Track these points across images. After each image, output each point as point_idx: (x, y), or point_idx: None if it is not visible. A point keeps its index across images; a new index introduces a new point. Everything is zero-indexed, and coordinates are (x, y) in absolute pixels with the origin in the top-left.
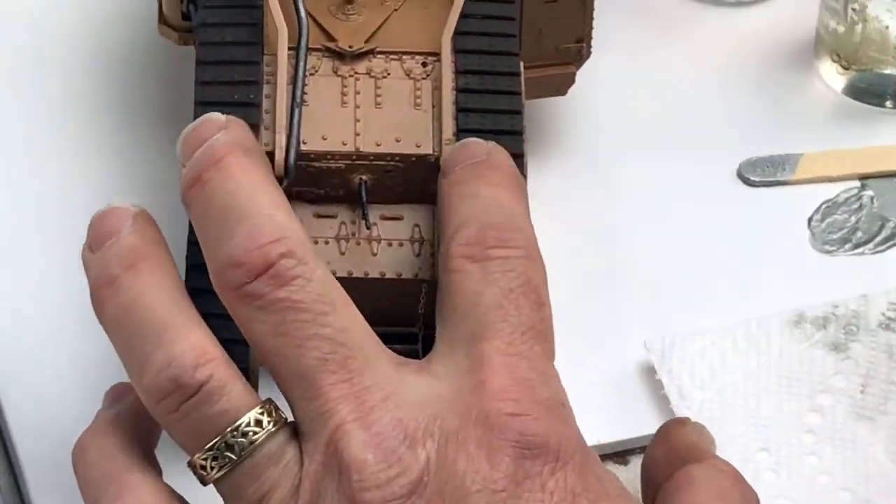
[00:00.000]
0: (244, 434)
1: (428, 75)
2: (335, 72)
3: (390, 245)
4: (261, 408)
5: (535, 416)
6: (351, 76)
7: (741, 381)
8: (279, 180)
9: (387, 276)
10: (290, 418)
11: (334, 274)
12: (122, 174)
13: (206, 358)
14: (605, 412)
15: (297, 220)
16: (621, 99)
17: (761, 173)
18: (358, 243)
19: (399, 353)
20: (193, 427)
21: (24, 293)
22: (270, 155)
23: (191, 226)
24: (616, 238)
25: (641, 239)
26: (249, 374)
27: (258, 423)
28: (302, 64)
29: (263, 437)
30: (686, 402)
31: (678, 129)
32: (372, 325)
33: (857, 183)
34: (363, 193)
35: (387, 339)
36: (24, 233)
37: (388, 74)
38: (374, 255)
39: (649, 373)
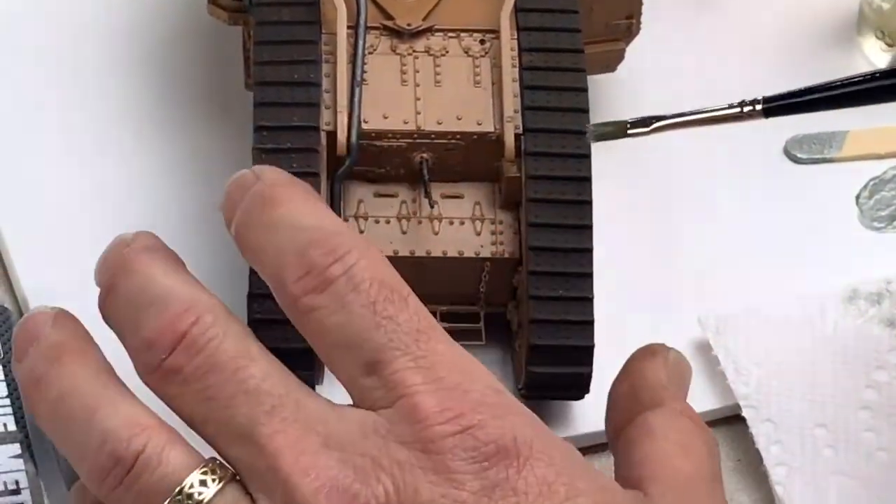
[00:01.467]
0: (189, 496)
1: (486, 53)
2: (394, 50)
3: (451, 224)
4: (203, 467)
5: (480, 423)
6: (409, 54)
7: (797, 357)
8: (341, 159)
9: (448, 254)
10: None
11: (396, 254)
12: (169, 156)
13: (139, 428)
14: None
15: (201, 288)
16: (668, 75)
17: (808, 150)
18: (419, 222)
19: (461, 332)
20: (140, 500)
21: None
22: (332, 134)
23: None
24: (666, 215)
25: (691, 216)
26: (315, 375)
27: (202, 482)
28: (361, 42)
29: (211, 495)
30: (743, 377)
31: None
32: (433, 304)
33: None
34: (425, 172)
35: (449, 319)
36: (66, 213)
37: (447, 52)
38: (436, 233)
39: (704, 349)
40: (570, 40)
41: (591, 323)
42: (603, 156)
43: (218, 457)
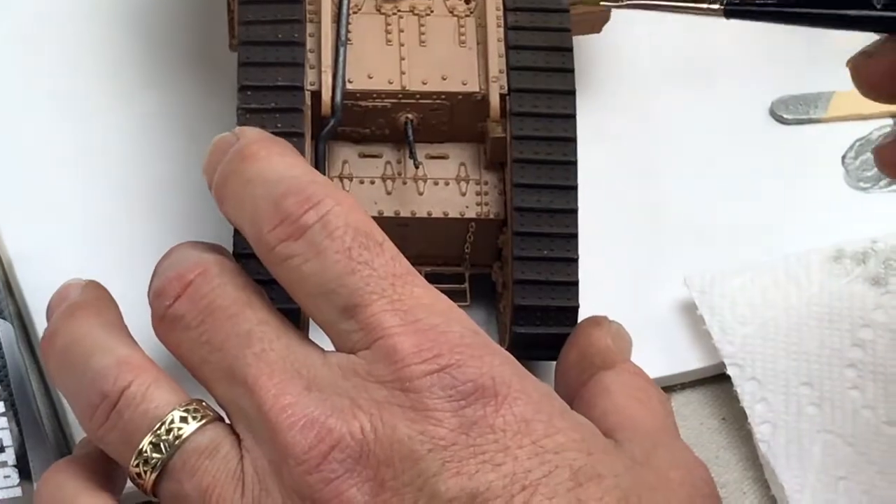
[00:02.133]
0: (169, 430)
1: (471, 12)
2: (378, 9)
3: (436, 184)
4: (186, 405)
5: (458, 363)
6: (394, 14)
7: (782, 316)
8: (325, 120)
9: (433, 215)
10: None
11: (380, 214)
12: (156, 114)
13: (128, 367)
14: (647, 349)
15: (217, 249)
16: (654, 37)
17: (794, 111)
18: (404, 183)
19: (446, 293)
20: (122, 436)
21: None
22: (317, 94)
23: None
24: (651, 176)
25: (676, 177)
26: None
27: (183, 419)
28: (346, 2)
29: (190, 431)
30: (728, 336)
31: (710, 68)
32: (418, 265)
33: (890, 120)
34: (410, 132)
35: (433, 280)
36: (54, 173)
37: (432, 12)
38: (421, 194)
39: (690, 309)
40: (554, 0)
41: (575, 283)
42: (581, 114)
43: (206, 400)
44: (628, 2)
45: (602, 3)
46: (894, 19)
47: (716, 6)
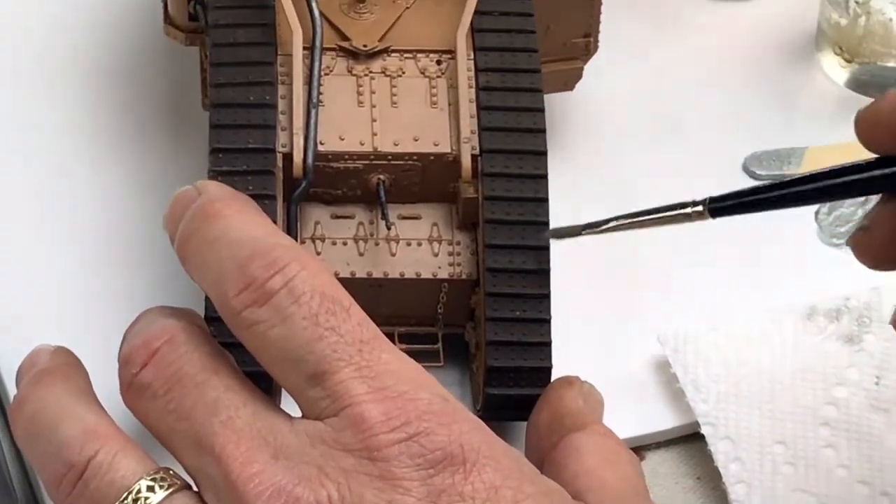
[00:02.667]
0: (136, 500)
1: (443, 73)
2: (350, 71)
3: (409, 245)
4: (154, 473)
5: (426, 431)
6: (366, 75)
7: (756, 374)
8: (297, 181)
9: (406, 275)
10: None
11: (353, 275)
12: (128, 175)
13: (95, 436)
14: (621, 408)
15: (183, 314)
16: (627, 94)
17: (767, 167)
18: (377, 243)
19: (420, 353)
20: None
21: (26, 290)
22: (288, 156)
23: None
24: (625, 234)
25: (650, 233)
26: (273, 396)
27: (150, 488)
28: (317, 64)
29: (158, 500)
30: (702, 395)
31: (683, 124)
32: (391, 325)
33: None
34: (382, 193)
35: (407, 340)
36: (25, 235)
37: (403, 73)
38: (393, 255)
39: (663, 367)
40: (526, 60)
41: (548, 344)
42: (555, 171)
43: (173, 467)
44: (612, 224)
45: (584, 232)
46: (884, 177)
47: (700, 209)
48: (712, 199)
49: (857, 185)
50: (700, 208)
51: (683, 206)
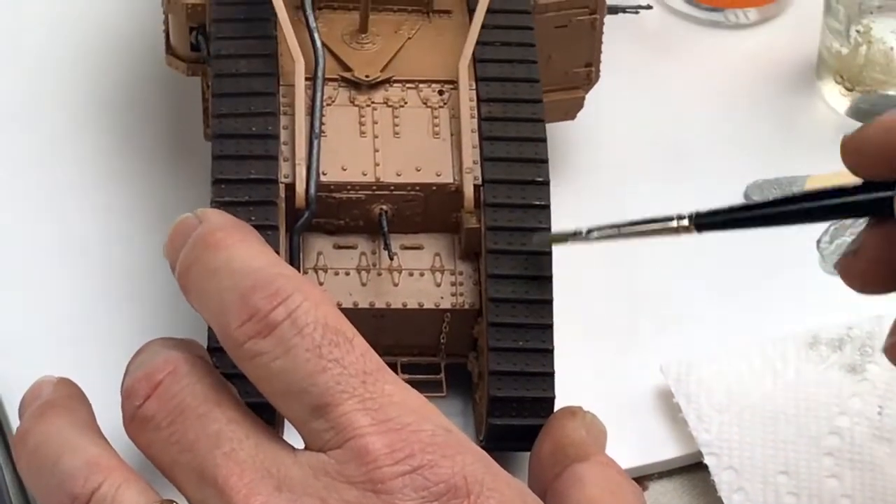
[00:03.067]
0: None
1: (445, 103)
2: (352, 101)
3: (411, 275)
4: None
5: (430, 463)
6: (368, 106)
7: (759, 403)
8: (300, 212)
9: (408, 306)
10: None
11: (356, 305)
12: (130, 204)
13: (98, 468)
14: (624, 438)
15: (186, 346)
16: (628, 122)
17: (768, 195)
18: (379, 274)
19: (422, 383)
20: None
21: (30, 318)
22: (291, 187)
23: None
24: (627, 262)
25: (652, 263)
26: (276, 427)
27: None
28: (319, 94)
29: None
30: (704, 424)
31: (685, 152)
32: (394, 355)
33: None
34: (384, 224)
35: (409, 370)
36: (27, 265)
37: (405, 103)
38: (396, 285)
39: (666, 397)
40: (528, 91)
41: (551, 374)
42: (557, 200)
43: (177, 499)
44: (598, 234)
45: (571, 240)
46: (869, 202)
47: (686, 223)
48: (698, 215)
49: (842, 209)
50: (686, 222)
51: (669, 219)
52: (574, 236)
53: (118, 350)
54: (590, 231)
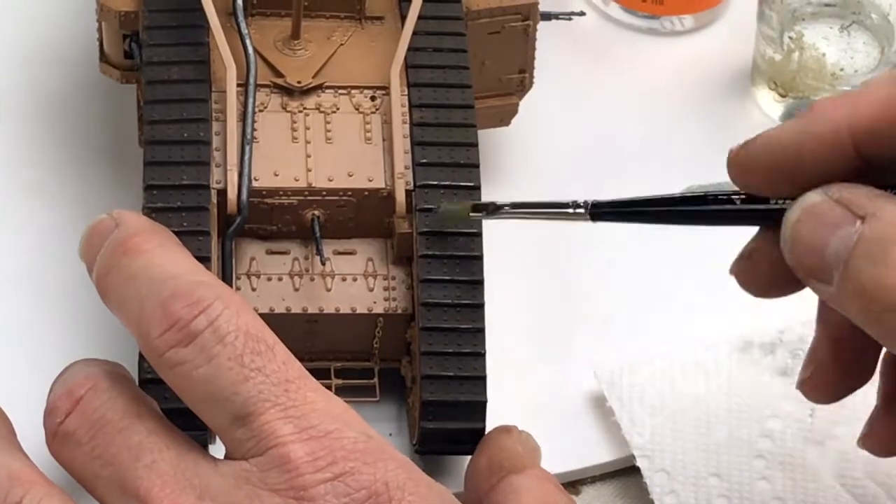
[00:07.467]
0: None
1: (377, 109)
2: (284, 108)
3: (344, 280)
4: None
5: (351, 471)
6: (300, 112)
7: (691, 406)
8: (232, 217)
9: (341, 311)
10: None
11: (288, 311)
12: (63, 212)
13: (20, 482)
14: (557, 441)
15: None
16: (563, 129)
17: None
18: (312, 279)
19: (356, 388)
20: None
21: None
22: (223, 192)
23: None
24: (561, 267)
25: (587, 267)
26: (208, 434)
27: None
28: (251, 100)
29: None
30: (637, 428)
31: (620, 159)
32: (327, 360)
33: None
34: (317, 229)
35: (343, 375)
36: None
37: (338, 109)
38: (328, 290)
39: (599, 401)
40: (460, 96)
41: (483, 378)
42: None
43: None
44: (498, 213)
45: (471, 215)
46: (758, 212)
47: (581, 210)
48: (594, 204)
49: (732, 215)
50: (582, 210)
51: (566, 205)
52: (476, 210)
53: (44, 366)
54: (493, 207)
